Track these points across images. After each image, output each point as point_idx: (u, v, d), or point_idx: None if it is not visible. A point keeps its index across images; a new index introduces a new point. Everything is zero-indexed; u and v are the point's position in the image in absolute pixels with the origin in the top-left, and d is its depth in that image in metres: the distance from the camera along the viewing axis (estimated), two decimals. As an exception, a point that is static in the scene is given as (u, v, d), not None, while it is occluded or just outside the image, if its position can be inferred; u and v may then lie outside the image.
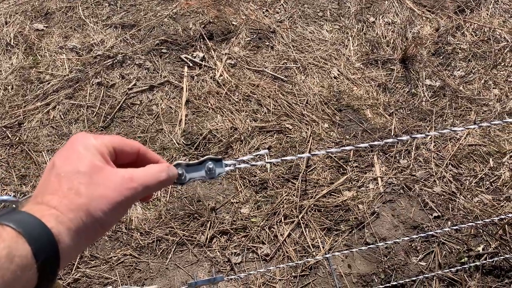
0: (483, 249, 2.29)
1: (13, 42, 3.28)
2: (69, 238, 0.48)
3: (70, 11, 3.54)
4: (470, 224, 2.32)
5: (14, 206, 0.56)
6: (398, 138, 0.86)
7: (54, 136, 2.74)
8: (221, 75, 3.14)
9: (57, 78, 3.05)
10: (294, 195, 2.52)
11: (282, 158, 0.75)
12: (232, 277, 1.23)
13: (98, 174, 0.53)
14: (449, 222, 2.44)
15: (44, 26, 3.43)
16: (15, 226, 0.45)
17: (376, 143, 0.90)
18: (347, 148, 0.81)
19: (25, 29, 3.38)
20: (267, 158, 2.56)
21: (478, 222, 2.38)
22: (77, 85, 3.02)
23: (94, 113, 2.87)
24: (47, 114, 2.84)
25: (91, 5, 3.60)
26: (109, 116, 2.86)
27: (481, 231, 2.38)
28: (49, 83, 3.01)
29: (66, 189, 0.51)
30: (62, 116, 2.84)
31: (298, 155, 0.76)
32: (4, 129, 2.74)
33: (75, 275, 2.16)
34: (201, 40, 3.36)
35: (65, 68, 3.12)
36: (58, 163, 0.53)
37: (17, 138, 2.70)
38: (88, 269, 2.20)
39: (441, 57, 3.35)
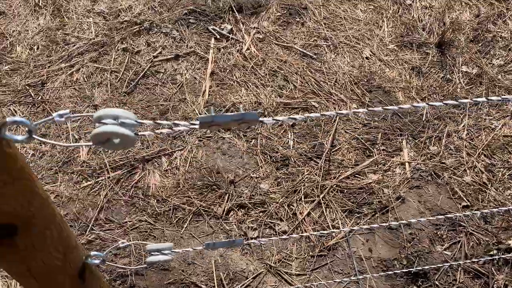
0: (513, 244, 2.17)
1: (41, 3, 3.24)
2: None
3: (100, -24, 3.49)
4: (502, 216, 2.20)
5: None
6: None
7: (77, 98, 2.70)
8: (248, 49, 3.04)
9: (82, 41, 3.01)
10: (316, 174, 2.43)
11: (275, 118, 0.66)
12: (250, 241, 1.16)
13: None
14: (478, 213, 2.32)
15: (73, -11, 3.39)
16: None
17: (390, 107, 0.81)
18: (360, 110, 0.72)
19: (54, -9, 3.35)
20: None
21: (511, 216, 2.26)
22: (102, 49, 2.97)
23: (118, 78, 2.82)
24: (71, 76, 2.80)
25: (121, -29, 3.54)
26: (132, 82, 2.80)
27: (512, 225, 2.26)
28: (74, 45, 2.97)
29: None
30: (85, 78, 2.80)
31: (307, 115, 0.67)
32: (27, 87, 2.71)
33: (89, 237, 2.12)
34: (230, 12, 3.27)
35: (91, 32, 3.07)
36: None
37: (40, 97, 2.67)
38: (102, 231, 2.16)
39: (479, 44, 3.19)
